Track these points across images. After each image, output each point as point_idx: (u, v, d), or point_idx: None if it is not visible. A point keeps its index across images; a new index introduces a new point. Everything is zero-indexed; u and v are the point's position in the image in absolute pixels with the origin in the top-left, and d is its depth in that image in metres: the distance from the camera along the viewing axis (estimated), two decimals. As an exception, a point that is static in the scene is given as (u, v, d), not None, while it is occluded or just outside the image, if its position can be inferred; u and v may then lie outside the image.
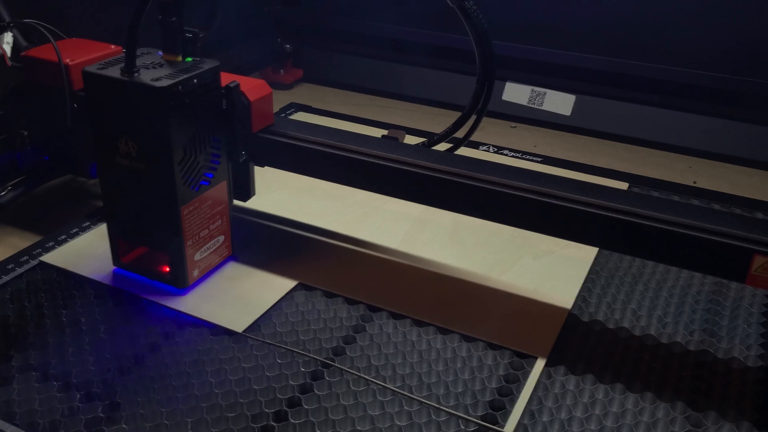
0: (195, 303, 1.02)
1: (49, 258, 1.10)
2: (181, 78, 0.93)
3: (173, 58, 0.99)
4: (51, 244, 1.14)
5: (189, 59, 0.99)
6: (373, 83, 1.89)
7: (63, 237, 1.16)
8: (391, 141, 1.14)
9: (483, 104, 1.16)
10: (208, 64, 0.98)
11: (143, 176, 0.97)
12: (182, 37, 0.99)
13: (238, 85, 1.03)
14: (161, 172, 0.95)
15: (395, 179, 1.04)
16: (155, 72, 0.94)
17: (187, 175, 0.97)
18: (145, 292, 1.03)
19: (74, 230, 1.17)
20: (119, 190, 1.01)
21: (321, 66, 1.95)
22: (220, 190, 1.05)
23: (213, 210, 1.04)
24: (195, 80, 0.95)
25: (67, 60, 1.14)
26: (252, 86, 1.06)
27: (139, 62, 0.96)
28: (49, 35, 1.17)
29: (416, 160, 1.03)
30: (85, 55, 1.16)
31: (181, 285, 1.03)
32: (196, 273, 1.04)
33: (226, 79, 1.02)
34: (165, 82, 0.92)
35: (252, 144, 1.08)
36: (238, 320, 0.98)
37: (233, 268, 1.09)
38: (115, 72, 0.95)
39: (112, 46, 1.21)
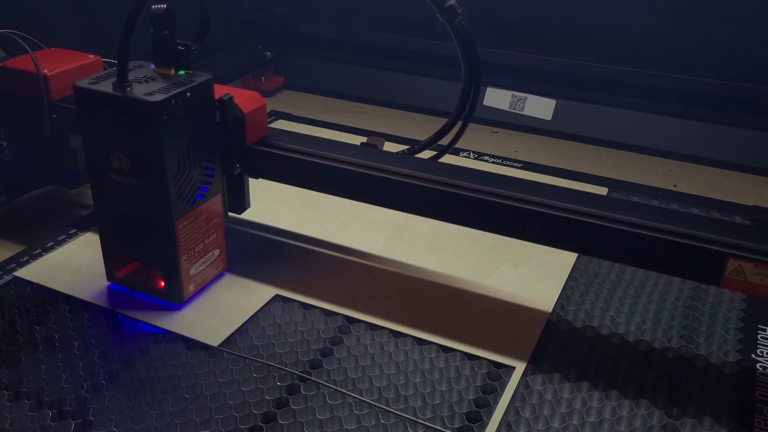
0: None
1: (23, 273, 1.09)
2: (175, 92, 0.91)
3: (166, 71, 0.97)
4: (26, 258, 1.12)
5: (182, 72, 0.97)
6: (355, 90, 1.88)
7: (38, 251, 1.14)
8: (372, 148, 1.14)
9: (468, 113, 1.15)
10: (201, 77, 0.96)
11: (137, 191, 0.94)
12: (174, 49, 0.97)
13: (231, 98, 1.01)
14: (155, 187, 0.93)
15: (377, 187, 1.03)
16: (148, 86, 0.92)
17: (181, 189, 0.95)
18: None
19: (50, 244, 1.16)
20: (112, 206, 0.99)
21: (303, 73, 1.94)
22: (215, 203, 1.03)
23: (208, 224, 1.02)
24: (188, 94, 0.93)
25: (45, 70, 1.13)
26: (246, 98, 1.05)
27: (131, 76, 0.93)
28: (26, 45, 1.15)
29: (400, 168, 1.02)
30: (63, 66, 1.16)
31: (176, 300, 1.01)
32: (191, 288, 1.03)
33: (220, 91, 1.00)
34: (158, 97, 0.89)
35: (247, 156, 1.07)
36: (214, 334, 0.97)
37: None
38: (107, 86, 0.92)
39: (91, 56, 1.20)
